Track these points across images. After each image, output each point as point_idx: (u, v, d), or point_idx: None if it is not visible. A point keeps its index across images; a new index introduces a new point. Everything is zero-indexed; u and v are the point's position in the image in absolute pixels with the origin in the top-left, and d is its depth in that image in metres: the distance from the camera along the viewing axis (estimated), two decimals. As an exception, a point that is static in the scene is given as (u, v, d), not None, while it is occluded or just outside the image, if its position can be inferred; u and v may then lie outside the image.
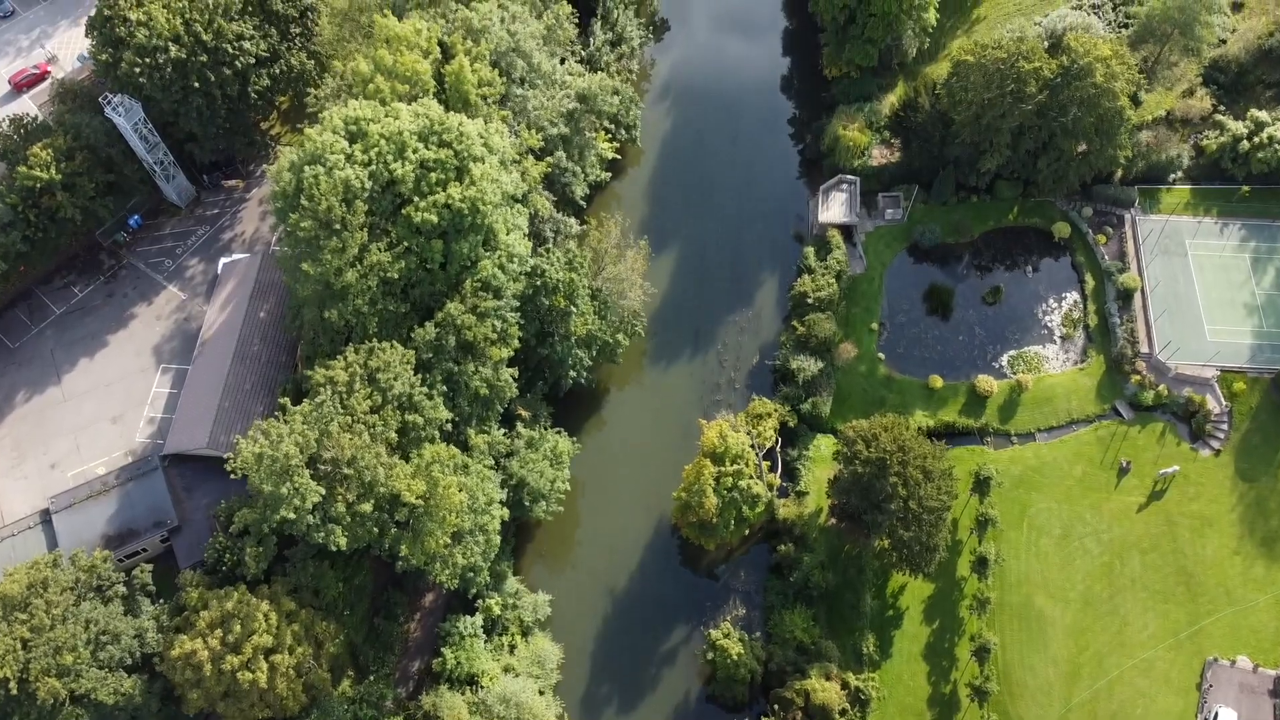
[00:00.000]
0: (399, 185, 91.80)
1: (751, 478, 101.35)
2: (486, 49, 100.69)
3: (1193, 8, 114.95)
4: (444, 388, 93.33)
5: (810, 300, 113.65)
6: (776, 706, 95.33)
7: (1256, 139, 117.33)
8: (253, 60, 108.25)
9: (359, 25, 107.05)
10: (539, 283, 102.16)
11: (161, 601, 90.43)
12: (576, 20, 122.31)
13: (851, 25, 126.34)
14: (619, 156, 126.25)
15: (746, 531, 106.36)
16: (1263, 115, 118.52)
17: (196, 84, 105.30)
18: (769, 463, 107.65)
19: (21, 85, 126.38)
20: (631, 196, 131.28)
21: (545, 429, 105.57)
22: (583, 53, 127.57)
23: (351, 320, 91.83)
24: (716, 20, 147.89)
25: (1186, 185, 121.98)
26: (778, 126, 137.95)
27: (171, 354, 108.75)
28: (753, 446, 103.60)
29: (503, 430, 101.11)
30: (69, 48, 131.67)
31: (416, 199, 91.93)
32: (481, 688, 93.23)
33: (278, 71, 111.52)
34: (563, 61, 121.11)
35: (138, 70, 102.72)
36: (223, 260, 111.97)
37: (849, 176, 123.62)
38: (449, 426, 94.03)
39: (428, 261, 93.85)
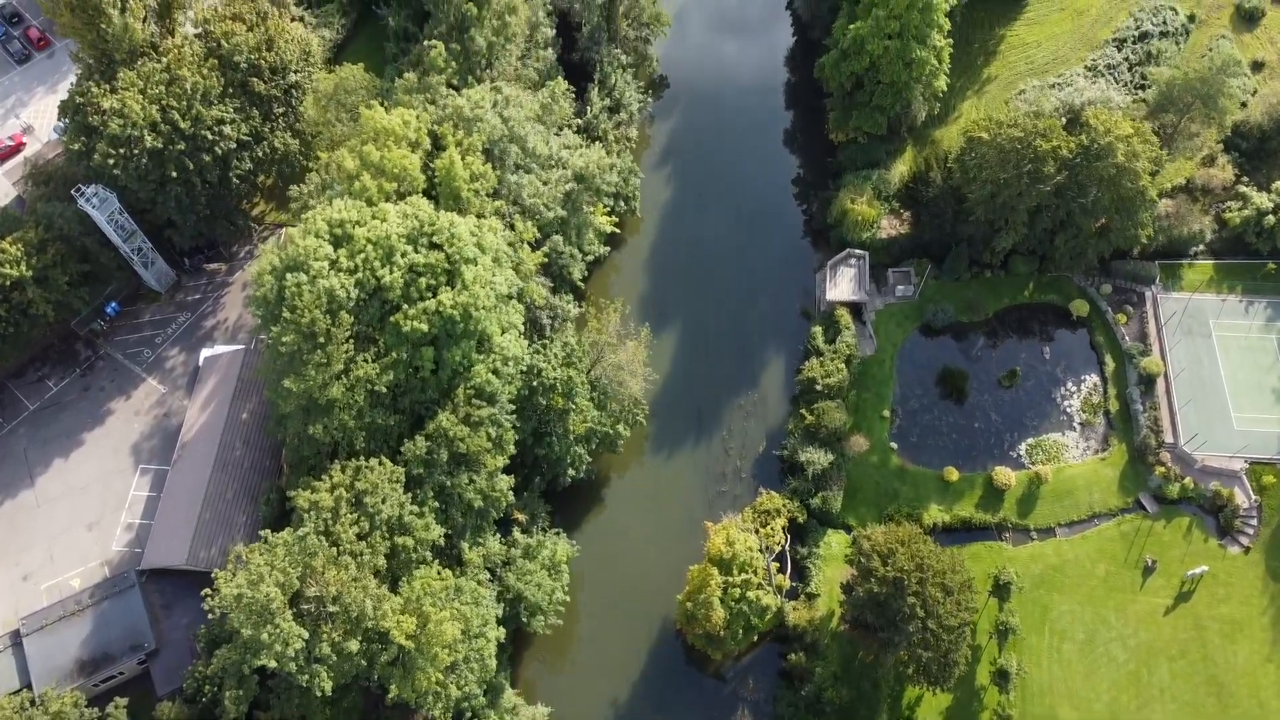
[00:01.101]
0: (387, 292, 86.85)
1: (760, 586, 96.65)
2: (479, 140, 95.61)
3: (1215, 80, 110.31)
4: (436, 503, 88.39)
5: (819, 387, 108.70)
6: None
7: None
8: (234, 145, 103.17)
9: (344, 106, 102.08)
10: (535, 383, 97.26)
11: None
12: (574, 92, 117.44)
13: (859, 91, 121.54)
14: (618, 230, 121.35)
15: (755, 638, 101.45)
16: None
17: (174, 173, 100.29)
18: (778, 564, 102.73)
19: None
20: (631, 269, 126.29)
21: (544, 531, 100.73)
22: (579, 121, 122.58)
23: (337, 436, 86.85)
24: (717, 76, 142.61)
25: (1209, 260, 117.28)
26: (782, 191, 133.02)
27: (150, 453, 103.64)
28: (762, 550, 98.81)
29: (498, 535, 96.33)
30: (45, 117, 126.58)
31: (405, 306, 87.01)
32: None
33: (261, 154, 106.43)
34: (559, 131, 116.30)
35: (111, 161, 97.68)
36: (204, 353, 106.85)
37: (857, 251, 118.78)
38: (441, 541, 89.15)
39: (418, 369, 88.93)
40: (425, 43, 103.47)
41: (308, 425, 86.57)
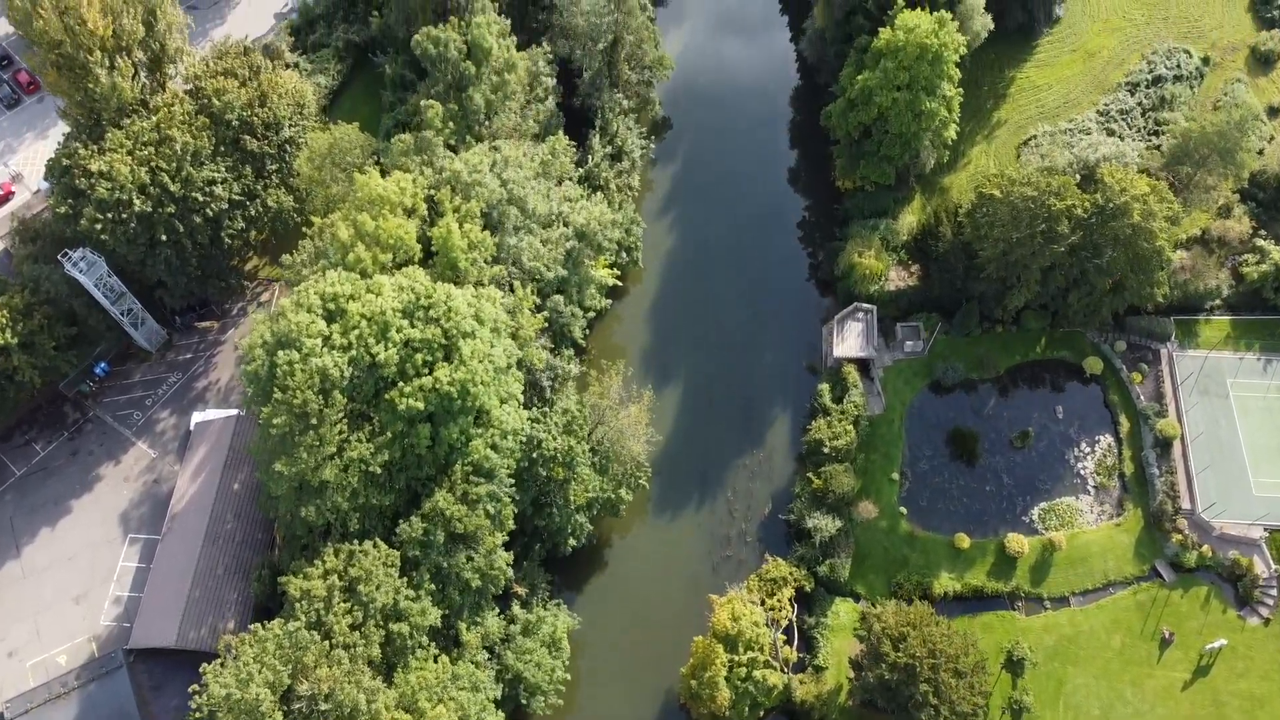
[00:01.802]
0: (381, 369, 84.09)
1: (767, 663, 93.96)
2: (477, 206, 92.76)
3: (1233, 135, 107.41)
4: (432, 585, 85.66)
5: (826, 449, 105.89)
6: None
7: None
8: (226, 205, 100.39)
9: (339, 165, 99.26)
10: (535, 454, 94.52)
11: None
12: (574, 145, 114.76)
13: (866, 140, 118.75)
14: (620, 283, 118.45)
15: (761, 714, 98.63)
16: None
17: (164, 236, 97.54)
18: (784, 636, 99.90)
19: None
20: (633, 321, 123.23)
21: (544, 603, 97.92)
22: (580, 171, 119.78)
23: (330, 518, 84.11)
24: (720, 117, 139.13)
25: (1226, 315, 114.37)
26: (788, 237, 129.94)
27: (139, 522, 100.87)
28: (768, 624, 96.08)
29: (497, 611, 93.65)
30: (35, 164, 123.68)
31: (401, 382, 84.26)
32: None
33: (254, 212, 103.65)
34: (560, 182, 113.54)
35: (99, 226, 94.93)
36: (195, 418, 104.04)
37: (865, 305, 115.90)
38: (438, 623, 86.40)
39: (414, 446, 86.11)
40: (422, 102, 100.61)
41: (300, 506, 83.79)
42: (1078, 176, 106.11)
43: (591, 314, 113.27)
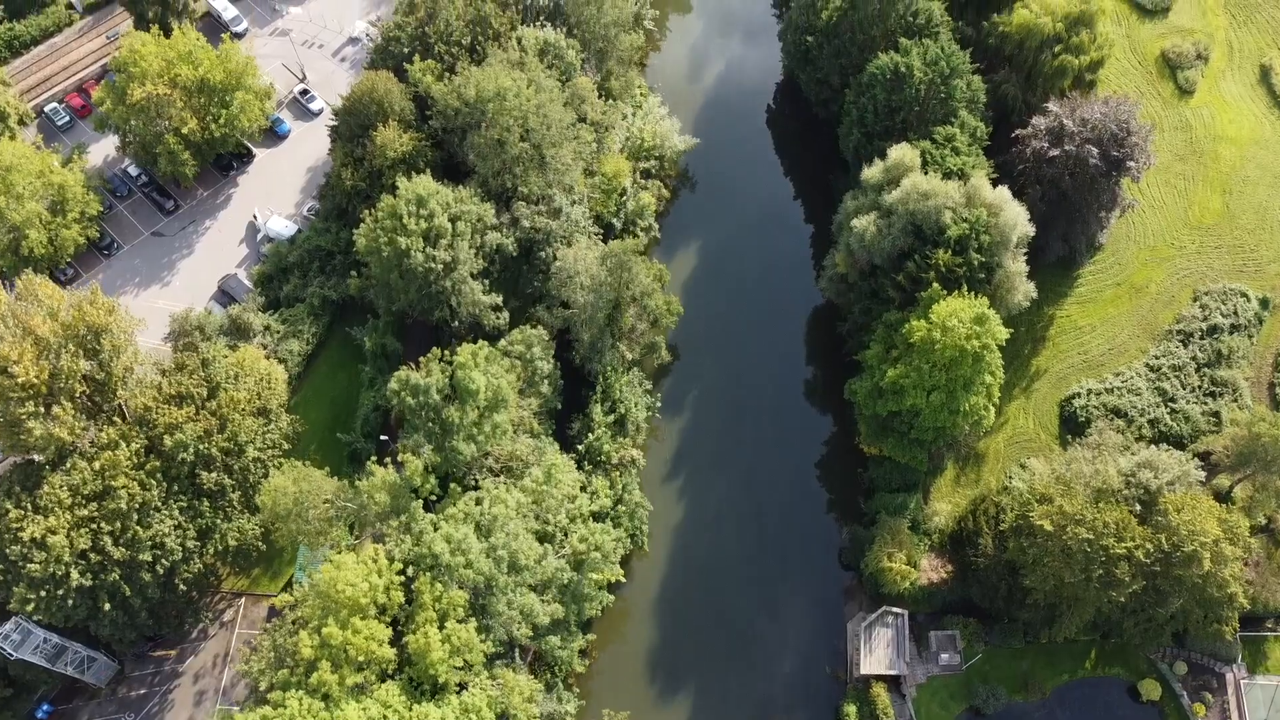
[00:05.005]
0: (348, 823, 72.99)
1: None
2: (460, 596, 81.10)
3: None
4: None
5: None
6: None
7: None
8: (179, 556, 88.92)
9: (304, 516, 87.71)
10: None
11: None
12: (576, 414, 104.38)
13: (895, 419, 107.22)
14: (624, 580, 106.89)
15: None
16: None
17: (107, 605, 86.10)
18: None
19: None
20: (637, 611, 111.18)
21: None
22: (579, 448, 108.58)
23: None
24: (732, 355, 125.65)
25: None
26: (807, 506, 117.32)
27: None
28: None
29: None
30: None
31: (371, 836, 73.09)
32: None
33: (212, 551, 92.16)
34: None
35: (30, 606, 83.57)
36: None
37: (895, 610, 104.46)
38: None
39: None
40: (400, 457, 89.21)
41: None
42: (1136, 504, 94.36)
43: (591, 636, 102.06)
